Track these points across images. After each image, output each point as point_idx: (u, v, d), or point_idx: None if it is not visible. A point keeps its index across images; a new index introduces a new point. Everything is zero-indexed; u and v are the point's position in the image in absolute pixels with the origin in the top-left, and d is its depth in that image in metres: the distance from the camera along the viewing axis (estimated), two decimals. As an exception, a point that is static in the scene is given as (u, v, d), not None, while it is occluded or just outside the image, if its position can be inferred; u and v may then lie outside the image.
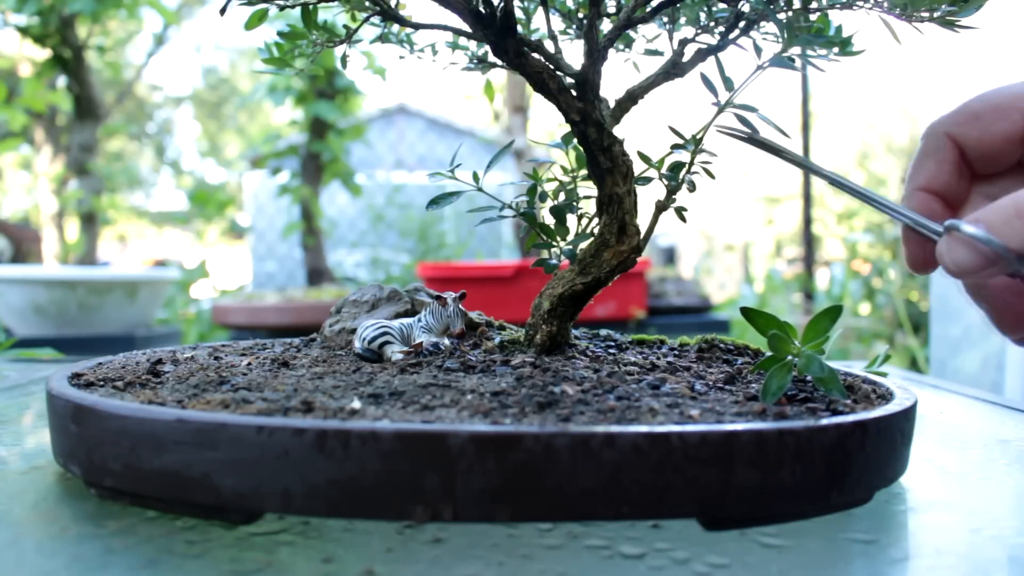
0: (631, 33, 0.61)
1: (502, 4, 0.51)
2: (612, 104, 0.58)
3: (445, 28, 0.55)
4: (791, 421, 0.40)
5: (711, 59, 0.56)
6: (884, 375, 0.60)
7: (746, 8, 0.54)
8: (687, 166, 0.56)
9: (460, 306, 0.60)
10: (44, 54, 3.23)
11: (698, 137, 0.55)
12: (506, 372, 0.51)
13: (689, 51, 0.57)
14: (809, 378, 0.54)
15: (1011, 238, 0.39)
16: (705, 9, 0.56)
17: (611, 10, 0.57)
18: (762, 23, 0.55)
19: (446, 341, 0.59)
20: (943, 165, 0.48)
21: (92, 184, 3.53)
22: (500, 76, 2.97)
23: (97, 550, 0.36)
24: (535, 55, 0.54)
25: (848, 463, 0.40)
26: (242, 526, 0.39)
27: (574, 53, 0.61)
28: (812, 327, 0.46)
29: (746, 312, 0.48)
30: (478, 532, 0.39)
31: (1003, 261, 0.39)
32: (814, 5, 0.53)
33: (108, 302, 2.29)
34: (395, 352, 0.57)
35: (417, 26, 0.56)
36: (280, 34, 0.56)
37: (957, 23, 0.49)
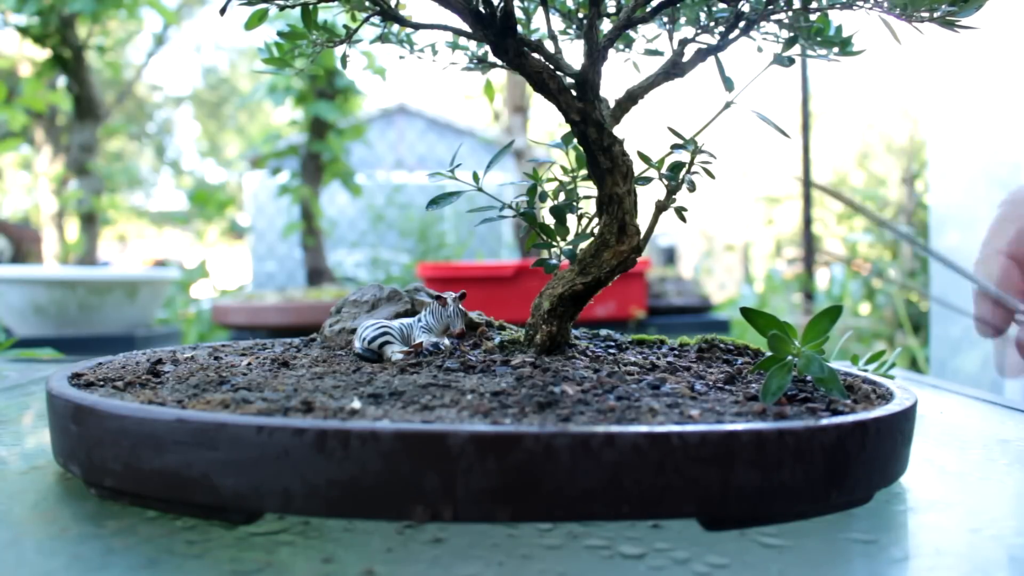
0: (631, 33, 0.61)
1: (502, 4, 0.51)
2: (612, 104, 0.58)
3: (445, 28, 0.55)
4: (791, 421, 0.40)
5: (711, 59, 0.56)
6: (892, 377, 0.60)
7: (746, 8, 0.54)
8: (687, 166, 0.56)
9: (460, 306, 0.60)
10: (44, 54, 3.23)
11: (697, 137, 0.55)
12: (506, 372, 0.51)
13: (689, 51, 0.57)
14: (809, 378, 0.54)
15: None
16: (705, 9, 0.56)
17: (611, 10, 0.57)
18: (762, 23, 0.55)
19: (446, 341, 0.59)
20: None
21: (92, 184, 3.53)
22: (500, 76, 2.97)
23: (97, 550, 0.36)
24: (535, 55, 0.54)
25: (848, 463, 0.40)
26: (242, 526, 0.39)
27: (574, 53, 0.61)
28: (812, 327, 0.46)
29: (746, 312, 0.48)
30: (478, 532, 0.39)
31: None
32: (814, 5, 0.53)
33: (108, 302, 2.29)
34: (395, 352, 0.57)
35: (417, 26, 0.56)
36: (280, 34, 0.56)
37: (957, 23, 0.49)
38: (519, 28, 0.54)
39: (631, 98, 0.59)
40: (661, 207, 0.58)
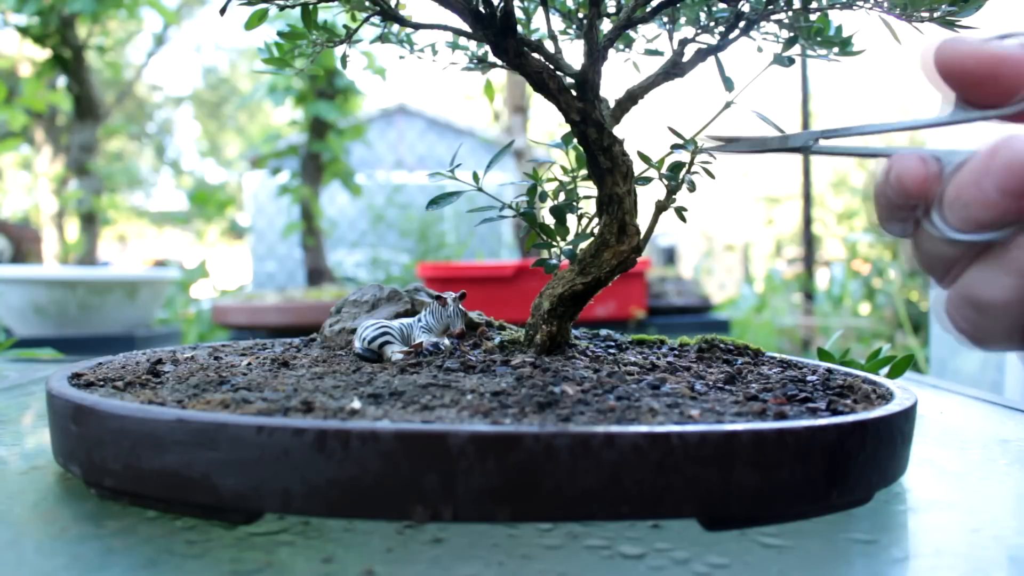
0: (631, 33, 0.61)
1: (502, 4, 0.51)
2: (612, 104, 0.58)
3: (445, 28, 0.55)
4: (791, 421, 0.40)
5: (711, 59, 0.56)
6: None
7: (746, 8, 0.54)
8: (687, 166, 0.56)
9: (460, 306, 0.60)
10: (44, 54, 3.23)
11: (698, 137, 0.55)
12: (506, 372, 0.51)
13: (689, 51, 0.57)
14: (809, 378, 0.54)
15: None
16: (705, 9, 0.56)
17: (611, 10, 0.57)
18: (762, 23, 0.55)
19: (446, 341, 0.59)
20: None
21: (92, 184, 3.53)
22: (500, 76, 2.97)
23: (97, 550, 0.36)
24: (535, 55, 0.54)
25: (848, 463, 0.40)
26: (242, 526, 0.39)
27: (574, 53, 0.61)
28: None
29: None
30: (478, 532, 0.39)
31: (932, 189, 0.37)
32: (814, 5, 0.53)
33: (108, 302, 2.29)
34: (395, 352, 0.57)
35: (417, 26, 0.56)
36: (280, 34, 0.56)
37: (957, 23, 0.49)
38: (519, 28, 0.54)
39: (631, 98, 0.59)
40: (661, 207, 0.58)
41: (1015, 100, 0.37)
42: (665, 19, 0.58)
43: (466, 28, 0.54)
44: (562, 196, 0.61)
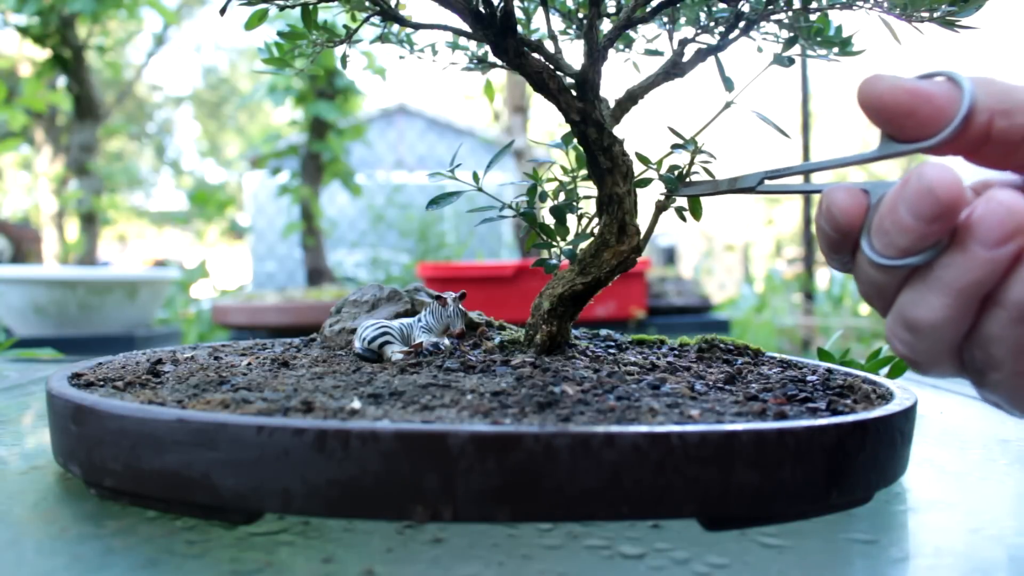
0: (631, 33, 0.61)
1: (502, 4, 0.51)
2: (612, 104, 0.58)
3: (445, 28, 0.55)
4: (791, 421, 0.40)
5: (711, 59, 0.56)
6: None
7: (746, 8, 0.54)
8: (687, 166, 0.56)
9: (460, 306, 0.60)
10: (44, 54, 3.24)
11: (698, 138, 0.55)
12: (506, 372, 0.51)
13: (689, 51, 0.57)
14: (809, 378, 0.54)
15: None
16: (705, 9, 0.56)
17: (611, 10, 0.57)
18: (762, 23, 0.55)
19: (446, 341, 0.59)
20: None
21: (92, 184, 3.54)
22: (500, 76, 2.97)
23: (97, 550, 0.36)
24: (535, 55, 0.54)
25: (848, 463, 0.40)
26: (242, 526, 0.39)
27: (574, 53, 0.61)
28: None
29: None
30: (478, 532, 0.39)
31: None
32: (814, 5, 0.53)
33: (108, 302, 2.29)
34: (395, 352, 0.57)
35: (417, 26, 0.56)
36: (280, 34, 0.56)
37: (957, 23, 0.49)
38: (519, 28, 0.54)
39: (631, 98, 0.59)
40: (661, 207, 0.58)
41: (935, 134, 0.39)
42: (665, 19, 0.58)
43: (466, 28, 0.54)
44: (562, 196, 0.61)
